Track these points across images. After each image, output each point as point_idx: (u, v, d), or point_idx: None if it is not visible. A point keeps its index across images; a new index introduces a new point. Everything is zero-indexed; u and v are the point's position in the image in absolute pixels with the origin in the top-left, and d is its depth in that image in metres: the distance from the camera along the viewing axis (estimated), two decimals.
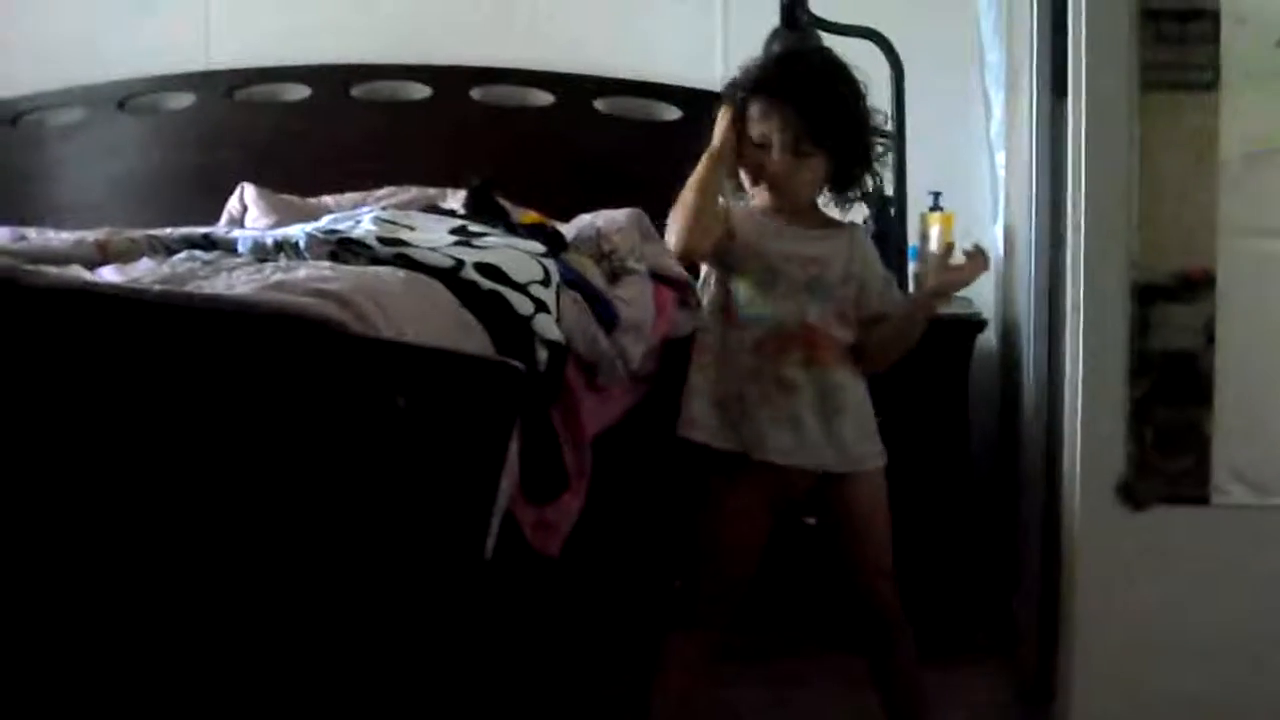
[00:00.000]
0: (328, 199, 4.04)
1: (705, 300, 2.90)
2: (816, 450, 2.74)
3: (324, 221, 2.96)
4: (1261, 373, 2.42)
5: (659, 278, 3.58)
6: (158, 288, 2.10)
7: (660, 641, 2.79)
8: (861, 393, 2.83)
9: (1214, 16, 2.40)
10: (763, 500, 2.77)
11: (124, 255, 2.73)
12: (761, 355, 2.75)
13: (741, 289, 2.81)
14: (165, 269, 2.50)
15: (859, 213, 3.18)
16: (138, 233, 2.91)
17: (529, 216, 3.48)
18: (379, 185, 4.03)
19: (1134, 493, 2.38)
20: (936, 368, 3.55)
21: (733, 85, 2.82)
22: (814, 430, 2.74)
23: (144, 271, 2.50)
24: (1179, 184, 2.39)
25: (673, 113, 4.14)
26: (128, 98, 4.40)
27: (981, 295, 3.86)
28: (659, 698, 2.77)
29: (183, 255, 2.68)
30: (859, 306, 2.83)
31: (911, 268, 3.82)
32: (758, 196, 2.82)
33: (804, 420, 2.73)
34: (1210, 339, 2.40)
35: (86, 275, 2.42)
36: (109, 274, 2.52)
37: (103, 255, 2.73)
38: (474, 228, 2.98)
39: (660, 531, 2.84)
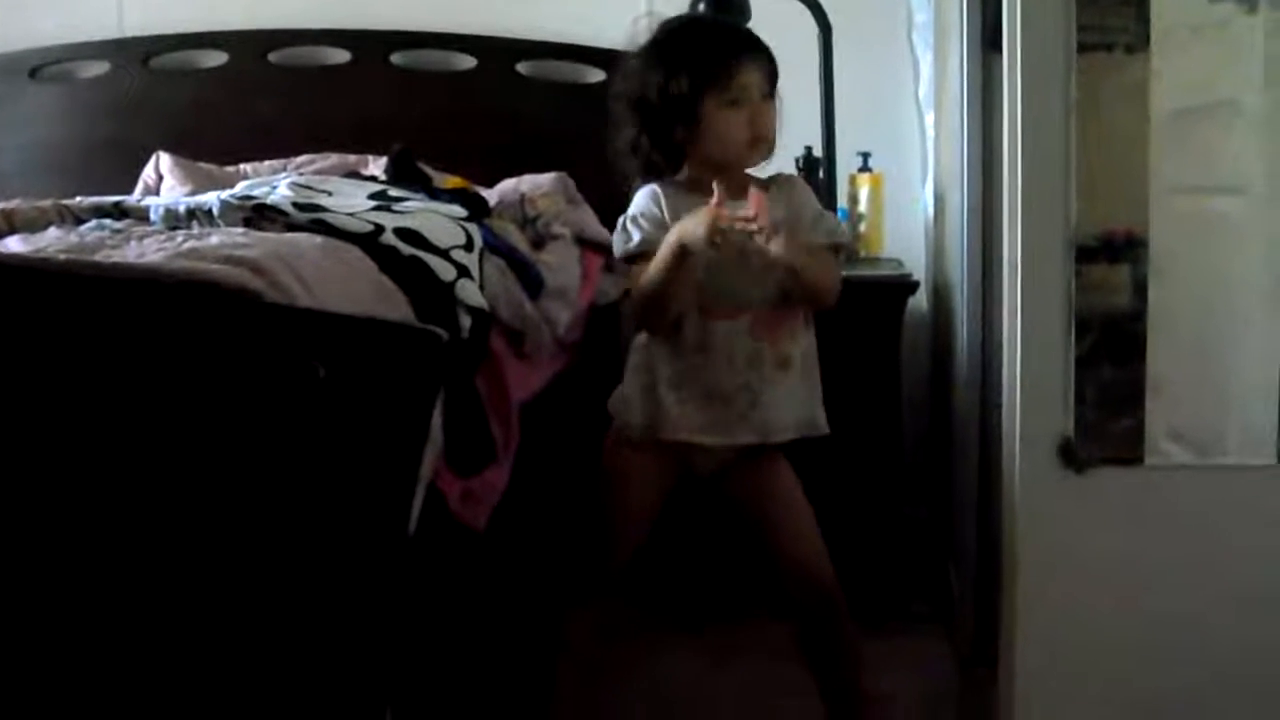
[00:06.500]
0: (246, 167, 3.98)
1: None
2: (746, 425, 2.63)
3: (239, 188, 2.90)
4: (1196, 331, 2.39)
5: (585, 242, 3.55)
6: (63, 257, 2.04)
7: (562, 617, 2.74)
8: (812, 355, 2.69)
9: None
10: (667, 473, 2.69)
11: (31, 225, 2.67)
12: (733, 333, 2.60)
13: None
14: (73, 238, 2.44)
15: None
16: (46, 202, 2.83)
17: (451, 181, 3.45)
18: (298, 152, 3.98)
19: (1076, 454, 2.35)
20: (867, 331, 3.50)
21: (715, 58, 2.56)
22: (763, 404, 2.62)
23: (51, 241, 2.44)
24: (1112, 143, 2.36)
25: (596, 75, 4.07)
26: (39, 67, 4.31)
27: (912, 257, 3.83)
28: (564, 673, 2.73)
29: (91, 224, 2.62)
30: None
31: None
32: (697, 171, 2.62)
33: (760, 393, 2.61)
34: (1144, 298, 2.37)
35: None
36: (14, 244, 2.46)
37: (9, 225, 2.66)
38: (394, 192, 2.94)
39: (584, 502, 2.77)
